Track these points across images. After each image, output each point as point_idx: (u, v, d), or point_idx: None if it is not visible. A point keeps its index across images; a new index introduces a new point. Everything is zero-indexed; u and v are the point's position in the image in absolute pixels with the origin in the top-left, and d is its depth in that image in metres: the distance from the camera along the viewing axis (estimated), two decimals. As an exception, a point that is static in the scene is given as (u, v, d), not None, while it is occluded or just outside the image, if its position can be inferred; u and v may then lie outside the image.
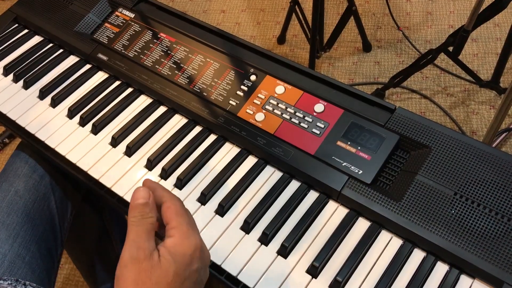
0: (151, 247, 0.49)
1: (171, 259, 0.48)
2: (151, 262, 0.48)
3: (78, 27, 0.95)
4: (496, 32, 1.83)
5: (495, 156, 0.66)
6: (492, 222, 0.62)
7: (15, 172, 0.86)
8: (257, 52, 0.83)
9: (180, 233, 0.50)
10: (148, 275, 0.47)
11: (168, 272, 0.48)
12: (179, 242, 0.50)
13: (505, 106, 1.28)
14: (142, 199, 0.51)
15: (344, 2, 2.00)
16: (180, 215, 0.52)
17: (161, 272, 0.48)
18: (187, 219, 0.52)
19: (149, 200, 0.52)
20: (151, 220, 0.51)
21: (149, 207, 0.51)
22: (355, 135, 0.72)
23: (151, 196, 0.52)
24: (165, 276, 0.48)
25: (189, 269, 0.50)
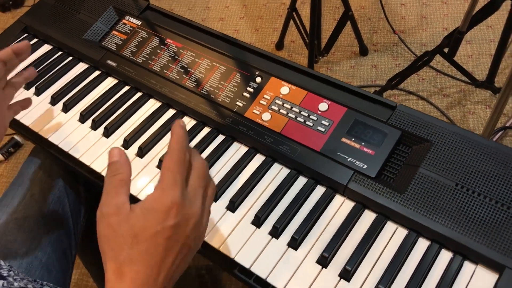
0: (119, 202, 0.49)
1: (140, 213, 0.49)
2: (118, 217, 0.48)
3: (86, 35, 0.98)
4: (489, 34, 1.87)
5: (494, 148, 0.69)
6: (492, 210, 0.65)
7: (30, 177, 0.89)
8: (261, 55, 0.87)
9: (159, 188, 0.50)
10: (115, 228, 0.48)
11: (135, 226, 0.48)
12: (155, 197, 0.50)
13: (500, 105, 1.32)
14: (114, 157, 0.52)
15: (340, 8, 2.04)
16: (168, 169, 0.51)
17: (127, 226, 0.48)
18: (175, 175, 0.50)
19: (120, 158, 0.52)
20: (120, 177, 0.51)
21: (119, 164, 0.52)
22: (358, 132, 0.75)
23: (123, 154, 0.53)
24: (130, 230, 0.48)
25: (162, 225, 0.48)
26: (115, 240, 0.48)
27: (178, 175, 0.51)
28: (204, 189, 0.55)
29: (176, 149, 0.52)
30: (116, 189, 0.50)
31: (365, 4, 2.10)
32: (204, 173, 0.55)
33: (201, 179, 0.54)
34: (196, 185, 0.53)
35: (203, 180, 0.54)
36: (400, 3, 2.06)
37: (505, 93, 1.28)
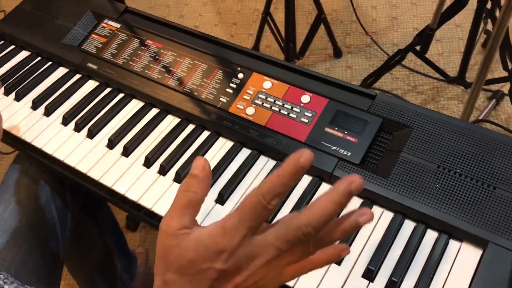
0: (179, 225, 0.46)
1: (193, 245, 0.45)
2: (174, 240, 0.46)
3: (65, 40, 0.98)
4: (458, 32, 1.93)
5: (471, 130, 0.72)
6: (473, 188, 0.67)
7: (15, 183, 0.88)
8: (242, 52, 0.88)
9: (220, 226, 0.44)
10: (168, 251, 0.47)
11: (184, 256, 0.45)
12: (213, 233, 0.44)
13: (472, 99, 1.36)
14: (195, 170, 0.46)
15: (313, 13, 2.08)
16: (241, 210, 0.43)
17: (177, 254, 0.46)
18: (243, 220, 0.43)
19: (201, 173, 0.46)
20: (191, 196, 0.46)
21: (197, 181, 0.46)
22: (341, 121, 0.77)
23: (206, 170, 0.46)
24: (179, 258, 0.46)
25: (209, 265, 0.45)
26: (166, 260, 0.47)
27: (247, 222, 0.43)
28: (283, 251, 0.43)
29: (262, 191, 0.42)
30: (182, 209, 0.46)
31: (337, 8, 2.15)
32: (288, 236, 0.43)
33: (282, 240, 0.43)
34: (270, 243, 0.43)
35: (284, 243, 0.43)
36: (371, 6, 2.11)
37: (476, 88, 1.32)
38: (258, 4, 2.24)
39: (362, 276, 0.64)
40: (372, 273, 0.64)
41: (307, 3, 2.19)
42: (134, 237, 1.52)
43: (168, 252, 0.46)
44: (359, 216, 0.44)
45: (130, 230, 1.53)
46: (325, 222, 0.42)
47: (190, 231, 0.46)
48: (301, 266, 0.46)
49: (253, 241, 0.43)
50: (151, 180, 0.77)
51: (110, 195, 0.79)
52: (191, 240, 0.45)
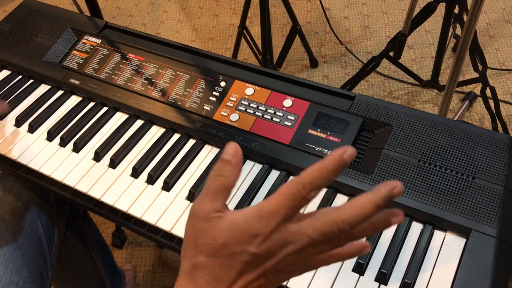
0: (211, 209, 0.46)
1: (228, 227, 0.45)
2: (206, 223, 0.46)
3: (46, 57, 0.98)
4: (428, 38, 2.00)
5: (449, 125, 0.75)
6: (453, 180, 0.70)
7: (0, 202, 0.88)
8: (223, 61, 0.90)
9: (257, 209, 0.45)
10: (199, 234, 0.46)
11: (217, 239, 0.46)
12: (249, 216, 0.45)
13: (446, 101, 1.41)
14: (227, 155, 0.47)
15: (288, 25, 2.12)
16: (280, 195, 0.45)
17: (210, 236, 0.46)
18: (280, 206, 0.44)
19: (233, 158, 0.47)
20: (224, 180, 0.46)
21: (230, 166, 0.47)
22: (323, 123, 0.79)
23: (237, 155, 0.47)
24: (212, 240, 0.46)
25: (242, 247, 0.45)
26: (196, 244, 0.47)
27: (284, 209, 0.44)
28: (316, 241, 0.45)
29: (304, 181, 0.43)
30: (214, 193, 0.47)
31: (310, 19, 2.19)
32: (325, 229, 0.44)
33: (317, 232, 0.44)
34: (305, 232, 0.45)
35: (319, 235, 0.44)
36: (343, 16, 2.16)
37: (449, 90, 1.36)
38: (233, 19, 2.27)
39: (353, 270, 0.66)
40: (362, 266, 0.66)
41: (281, 16, 2.23)
42: (120, 254, 1.51)
43: (200, 235, 0.46)
44: (392, 216, 0.45)
45: (117, 248, 1.52)
46: (362, 222, 0.43)
47: (223, 214, 0.46)
48: (327, 256, 0.47)
49: (288, 229, 0.44)
50: (139, 190, 0.78)
51: (99, 208, 0.79)
52: (225, 222, 0.45)
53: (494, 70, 1.84)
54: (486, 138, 0.73)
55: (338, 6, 2.22)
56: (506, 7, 2.07)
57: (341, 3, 2.23)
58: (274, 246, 0.45)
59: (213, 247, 0.45)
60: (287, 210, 0.44)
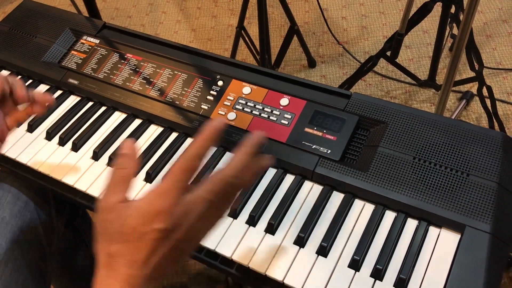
0: (116, 199, 0.50)
1: (132, 212, 0.50)
2: (112, 213, 0.50)
3: (44, 58, 0.99)
4: (426, 38, 2.01)
5: (443, 122, 0.75)
6: (448, 177, 0.71)
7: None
8: (220, 60, 0.91)
9: (155, 190, 0.50)
10: (108, 224, 0.50)
11: (125, 224, 0.49)
12: (149, 199, 0.50)
13: (443, 100, 1.42)
14: (123, 150, 0.53)
15: (285, 25, 2.13)
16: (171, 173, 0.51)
17: (119, 224, 0.50)
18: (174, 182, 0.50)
19: (128, 151, 0.53)
20: (123, 172, 0.52)
21: (127, 158, 0.52)
22: (319, 121, 0.80)
23: (133, 148, 0.53)
24: (121, 227, 0.49)
25: (149, 227, 0.49)
26: (107, 234, 0.50)
27: (178, 182, 0.50)
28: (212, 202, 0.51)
29: (188, 154, 0.51)
30: (117, 185, 0.51)
31: (308, 20, 2.20)
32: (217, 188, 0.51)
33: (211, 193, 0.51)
34: (201, 197, 0.51)
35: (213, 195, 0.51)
36: (341, 17, 2.17)
37: (446, 88, 1.37)
38: (231, 19, 2.28)
39: (349, 266, 0.67)
40: (358, 262, 0.66)
41: (279, 16, 2.24)
42: (120, 254, 1.52)
43: (110, 225, 0.50)
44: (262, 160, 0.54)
45: (116, 247, 1.52)
46: (243, 171, 0.52)
47: (127, 203, 0.51)
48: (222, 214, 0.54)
49: (187, 199, 0.50)
50: (138, 187, 0.79)
51: (98, 206, 0.80)
52: (130, 209, 0.50)
53: (491, 69, 1.85)
54: (480, 135, 0.73)
55: (336, 7, 2.23)
56: (503, 7, 2.08)
57: (338, 4, 2.24)
58: (178, 218, 0.50)
59: (123, 232, 0.49)
60: (180, 183, 0.50)
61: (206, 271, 1.44)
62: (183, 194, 0.50)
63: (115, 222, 0.50)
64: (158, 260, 0.50)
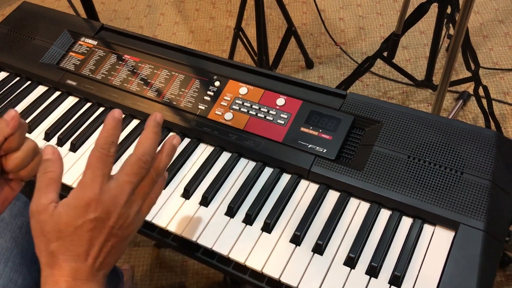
0: (46, 201, 0.53)
1: (63, 210, 0.52)
2: (45, 214, 0.53)
3: (43, 59, 1.00)
4: (422, 39, 2.01)
5: (437, 121, 0.76)
6: (442, 175, 0.71)
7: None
8: (217, 61, 0.92)
9: (79, 185, 0.53)
10: (43, 225, 0.53)
11: (59, 222, 0.52)
12: (75, 193, 0.53)
13: (440, 99, 1.43)
14: (46, 155, 0.55)
15: (283, 27, 2.14)
16: (89, 165, 0.54)
17: (52, 223, 0.52)
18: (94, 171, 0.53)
19: (52, 156, 0.55)
20: (50, 175, 0.54)
21: (51, 162, 0.54)
22: (315, 120, 0.81)
23: (56, 152, 0.55)
24: (55, 226, 0.52)
25: (82, 219, 0.52)
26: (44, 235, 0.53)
27: (98, 171, 0.53)
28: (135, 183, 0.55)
29: (99, 144, 0.54)
30: (45, 188, 0.54)
31: (306, 21, 2.21)
32: (134, 169, 0.55)
33: (130, 174, 0.55)
34: (122, 181, 0.54)
35: (133, 176, 0.55)
36: (338, 18, 2.18)
37: (442, 88, 1.38)
38: (229, 21, 2.29)
39: (344, 263, 0.68)
40: (353, 260, 0.67)
41: (277, 18, 2.25)
42: (118, 254, 1.52)
43: (45, 226, 0.53)
44: (172, 140, 0.60)
45: (115, 248, 1.53)
46: (154, 148, 0.57)
47: (58, 203, 0.53)
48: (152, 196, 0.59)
49: (110, 185, 0.54)
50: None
51: (96, 205, 0.81)
52: (60, 207, 0.53)
53: (487, 69, 1.86)
54: (474, 134, 0.74)
55: (333, 8, 2.24)
56: (499, 8, 2.09)
57: (336, 5, 2.25)
58: (108, 205, 0.53)
59: (59, 229, 0.52)
60: (101, 171, 0.53)
61: (204, 271, 1.45)
62: (107, 182, 0.54)
63: (49, 222, 0.52)
64: (98, 250, 0.54)
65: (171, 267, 1.48)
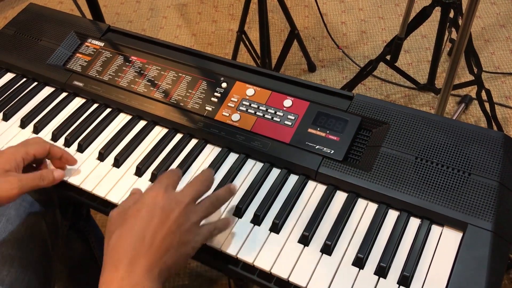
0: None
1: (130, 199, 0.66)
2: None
3: (50, 60, 1.00)
4: (424, 43, 2.02)
5: (444, 123, 0.77)
6: (450, 176, 0.72)
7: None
8: (224, 62, 0.92)
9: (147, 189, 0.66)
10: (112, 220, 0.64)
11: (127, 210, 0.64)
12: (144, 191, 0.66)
13: (442, 103, 1.43)
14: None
15: (285, 30, 2.15)
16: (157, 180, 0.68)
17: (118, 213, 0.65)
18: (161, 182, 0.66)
19: None
20: None
21: None
22: (322, 122, 0.81)
23: None
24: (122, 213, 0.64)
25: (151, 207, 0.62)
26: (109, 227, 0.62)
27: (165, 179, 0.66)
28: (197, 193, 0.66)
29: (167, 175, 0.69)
30: None
31: (308, 25, 2.22)
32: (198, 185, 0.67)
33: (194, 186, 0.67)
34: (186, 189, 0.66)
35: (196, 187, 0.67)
36: (341, 21, 2.19)
37: (445, 92, 1.39)
38: (231, 24, 2.30)
39: (353, 264, 0.68)
40: (362, 260, 0.67)
41: (279, 21, 2.26)
42: (121, 256, 1.52)
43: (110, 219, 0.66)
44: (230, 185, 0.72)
45: (117, 250, 1.53)
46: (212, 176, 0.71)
47: None
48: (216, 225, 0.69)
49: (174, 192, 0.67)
50: (143, 188, 0.80)
51: (103, 206, 0.81)
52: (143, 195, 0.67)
53: (489, 73, 1.86)
54: (481, 135, 0.75)
55: (335, 12, 2.25)
56: (500, 12, 2.10)
57: (338, 9, 2.26)
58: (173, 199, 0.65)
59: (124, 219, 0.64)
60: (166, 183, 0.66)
61: (207, 273, 1.45)
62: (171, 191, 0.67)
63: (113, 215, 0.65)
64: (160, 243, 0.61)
65: (174, 270, 1.48)
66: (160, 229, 0.60)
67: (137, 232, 0.59)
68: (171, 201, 0.63)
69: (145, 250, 0.58)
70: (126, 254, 0.58)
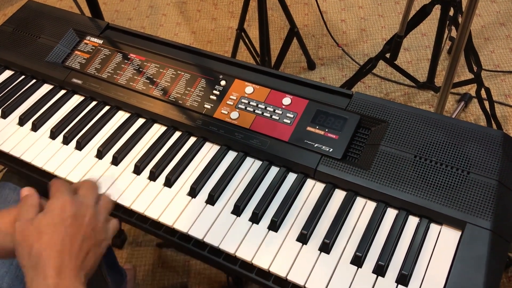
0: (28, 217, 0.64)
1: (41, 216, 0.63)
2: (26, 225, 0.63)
3: (48, 58, 1.00)
4: (424, 41, 2.02)
5: (443, 121, 0.77)
6: (448, 174, 0.72)
7: (5, 200, 0.89)
8: (223, 60, 0.92)
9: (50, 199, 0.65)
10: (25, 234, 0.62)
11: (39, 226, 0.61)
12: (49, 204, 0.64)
13: (442, 101, 1.43)
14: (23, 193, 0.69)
15: (285, 28, 2.15)
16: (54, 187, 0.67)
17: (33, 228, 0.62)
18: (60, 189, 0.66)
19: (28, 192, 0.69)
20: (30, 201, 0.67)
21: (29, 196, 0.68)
22: (321, 120, 0.81)
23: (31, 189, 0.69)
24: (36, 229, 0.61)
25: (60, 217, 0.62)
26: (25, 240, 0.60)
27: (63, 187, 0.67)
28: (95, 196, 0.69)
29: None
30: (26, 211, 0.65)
31: (307, 22, 2.22)
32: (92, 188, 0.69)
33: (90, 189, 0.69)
34: (85, 193, 0.68)
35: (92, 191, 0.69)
36: (340, 19, 2.19)
37: (445, 90, 1.39)
38: (231, 22, 2.29)
39: (351, 262, 0.68)
40: (360, 259, 0.67)
41: (279, 19, 2.25)
42: (121, 254, 1.52)
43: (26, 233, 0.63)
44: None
45: (117, 248, 1.53)
46: None
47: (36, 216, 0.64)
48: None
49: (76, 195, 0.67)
50: (141, 186, 0.80)
51: (102, 204, 0.81)
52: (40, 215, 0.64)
53: (489, 72, 1.86)
54: (480, 134, 0.75)
55: (335, 9, 2.24)
56: (500, 10, 2.10)
57: (338, 6, 2.26)
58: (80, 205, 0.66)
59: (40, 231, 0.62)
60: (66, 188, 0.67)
61: (206, 271, 1.45)
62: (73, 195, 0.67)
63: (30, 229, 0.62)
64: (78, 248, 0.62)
65: (173, 267, 1.48)
66: (76, 237, 0.62)
67: (58, 243, 0.60)
68: (80, 207, 0.65)
69: (68, 258, 0.60)
70: (54, 264, 0.59)
